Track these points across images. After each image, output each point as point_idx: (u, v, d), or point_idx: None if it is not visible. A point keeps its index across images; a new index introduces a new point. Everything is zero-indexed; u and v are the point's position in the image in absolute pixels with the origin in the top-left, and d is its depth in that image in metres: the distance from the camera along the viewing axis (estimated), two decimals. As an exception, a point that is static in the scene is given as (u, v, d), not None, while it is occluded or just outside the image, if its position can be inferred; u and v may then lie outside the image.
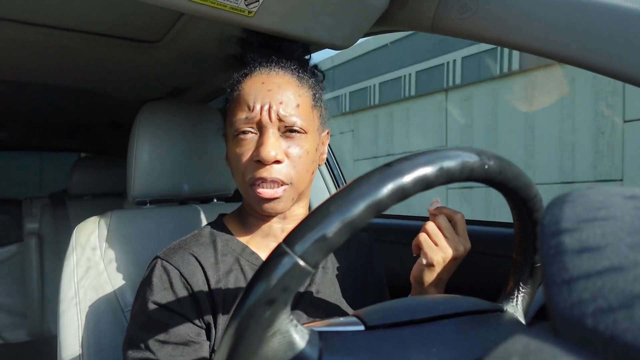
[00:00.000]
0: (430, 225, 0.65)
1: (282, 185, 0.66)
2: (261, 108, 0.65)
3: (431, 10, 0.72)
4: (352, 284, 0.76)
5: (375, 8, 0.76)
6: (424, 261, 0.64)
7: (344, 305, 0.73)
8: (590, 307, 0.20)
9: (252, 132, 0.66)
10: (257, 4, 0.67)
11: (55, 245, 2.23)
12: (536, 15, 0.60)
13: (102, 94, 1.48)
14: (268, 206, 0.66)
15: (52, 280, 2.23)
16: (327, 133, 0.78)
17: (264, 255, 0.72)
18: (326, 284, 0.73)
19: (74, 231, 0.94)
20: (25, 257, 2.26)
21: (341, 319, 0.42)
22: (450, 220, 0.66)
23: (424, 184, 0.36)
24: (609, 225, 0.24)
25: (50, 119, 2.03)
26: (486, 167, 0.39)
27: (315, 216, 0.34)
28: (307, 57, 0.80)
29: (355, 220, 0.33)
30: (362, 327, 0.40)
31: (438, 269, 0.64)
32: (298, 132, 0.67)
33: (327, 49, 0.91)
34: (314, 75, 0.75)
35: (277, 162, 0.65)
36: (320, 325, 0.40)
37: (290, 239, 0.34)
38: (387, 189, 0.34)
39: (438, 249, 0.64)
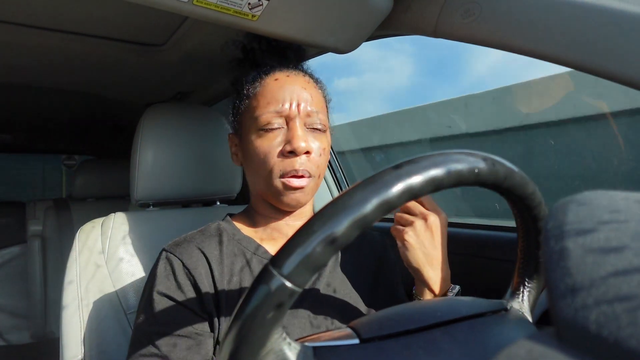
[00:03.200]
0: (398, 214, 0.69)
1: (308, 176, 0.68)
2: (290, 102, 0.68)
3: (434, 14, 0.72)
4: (363, 282, 0.76)
5: (379, 12, 0.76)
6: (399, 244, 0.67)
7: (354, 302, 0.73)
8: (594, 312, 0.20)
9: (279, 126, 0.68)
10: (260, 8, 0.68)
11: (58, 248, 2.24)
12: (539, 20, 0.60)
13: (106, 96, 1.49)
14: (293, 196, 0.68)
15: (54, 282, 2.24)
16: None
17: (271, 249, 0.73)
18: (336, 281, 0.73)
19: (77, 233, 0.94)
20: (28, 259, 2.26)
21: (335, 332, 0.42)
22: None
23: (410, 195, 0.35)
24: (614, 230, 0.24)
25: (54, 121, 2.04)
26: (476, 171, 0.38)
27: (300, 235, 0.34)
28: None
29: (340, 238, 0.33)
30: (356, 341, 0.40)
31: (417, 247, 0.66)
32: (320, 129, 0.70)
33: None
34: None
35: (307, 153, 0.68)
36: (314, 341, 0.40)
37: (277, 260, 0.34)
38: (372, 203, 0.33)
39: (409, 229, 0.66)
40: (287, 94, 0.68)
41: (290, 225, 0.75)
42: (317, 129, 0.70)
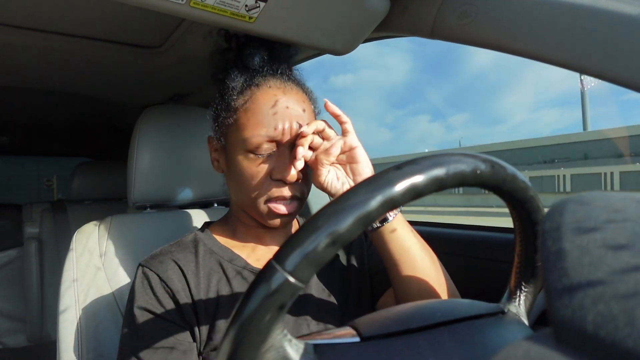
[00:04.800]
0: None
1: (297, 200, 0.67)
2: (283, 127, 0.65)
3: (431, 16, 0.72)
4: (349, 278, 0.75)
5: (376, 14, 0.76)
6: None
7: (344, 301, 0.72)
8: (591, 313, 0.20)
9: (269, 149, 0.66)
10: (257, 9, 0.68)
11: (55, 250, 2.23)
12: (536, 21, 0.60)
13: (103, 99, 1.48)
14: (280, 221, 0.68)
15: (51, 285, 2.23)
16: None
17: (248, 257, 0.72)
18: (331, 284, 0.73)
19: (74, 236, 0.94)
20: (25, 262, 2.25)
21: (336, 330, 0.42)
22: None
23: (414, 194, 0.35)
24: (612, 230, 0.24)
25: (51, 124, 2.03)
26: (478, 172, 0.38)
27: (304, 231, 0.34)
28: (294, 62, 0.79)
29: (344, 234, 0.33)
30: (357, 339, 0.40)
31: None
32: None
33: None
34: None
35: (297, 180, 0.66)
36: (315, 338, 0.40)
37: (280, 256, 0.34)
38: (376, 200, 0.34)
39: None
40: (279, 117, 0.64)
41: (272, 235, 0.74)
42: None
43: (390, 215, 0.65)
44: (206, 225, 0.79)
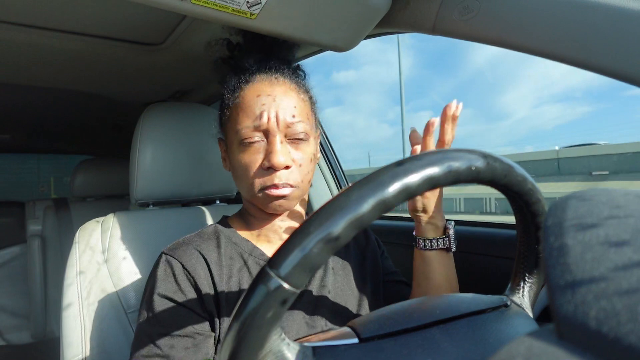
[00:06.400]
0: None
1: (290, 187, 0.69)
2: (268, 116, 0.67)
3: (433, 11, 0.72)
4: (354, 279, 0.77)
5: (377, 10, 0.76)
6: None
7: (348, 302, 0.73)
8: (594, 309, 0.20)
9: (259, 140, 0.68)
10: (259, 6, 0.67)
11: (58, 247, 2.24)
12: (538, 17, 0.60)
13: (105, 96, 1.48)
14: (276, 204, 0.69)
15: (55, 282, 2.24)
16: (319, 134, 0.80)
17: (266, 250, 0.74)
18: (330, 281, 0.73)
19: (77, 233, 0.94)
20: (28, 259, 2.26)
21: (335, 332, 0.42)
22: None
23: (407, 194, 0.35)
24: (614, 226, 0.24)
25: (53, 121, 2.03)
26: (473, 168, 0.38)
27: (297, 237, 0.34)
28: (297, 61, 0.81)
29: (336, 239, 0.33)
30: (355, 340, 0.40)
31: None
32: (302, 139, 0.70)
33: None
34: (305, 77, 0.78)
35: (286, 167, 0.68)
36: (314, 341, 0.40)
37: (274, 262, 0.34)
38: (368, 203, 0.33)
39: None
40: (264, 107, 0.67)
41: (284, 225, 0.76)
42: (298, 139, 0.69)
43: (442, 243, 0.70)
44: (224, 218, 0.81)
